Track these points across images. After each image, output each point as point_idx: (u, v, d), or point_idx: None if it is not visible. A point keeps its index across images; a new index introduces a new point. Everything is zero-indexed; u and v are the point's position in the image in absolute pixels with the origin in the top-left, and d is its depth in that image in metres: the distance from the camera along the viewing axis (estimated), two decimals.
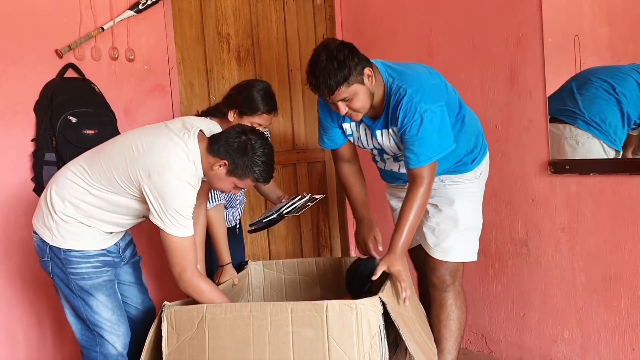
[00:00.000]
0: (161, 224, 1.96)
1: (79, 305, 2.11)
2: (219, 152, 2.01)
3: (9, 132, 2.58)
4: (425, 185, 2.14)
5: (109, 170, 2.00)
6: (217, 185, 2.10)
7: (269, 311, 1.90)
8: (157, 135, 2.03)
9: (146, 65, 2.97)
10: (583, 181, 2.61)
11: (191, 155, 1.98)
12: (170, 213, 1.93)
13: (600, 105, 2.58)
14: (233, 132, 2.04)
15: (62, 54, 2.69)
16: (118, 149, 2.04)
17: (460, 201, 2.39)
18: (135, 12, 2.87)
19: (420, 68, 2.27)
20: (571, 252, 2.69)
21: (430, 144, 2.11)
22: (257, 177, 2.04)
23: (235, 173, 2.03)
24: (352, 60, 2.04)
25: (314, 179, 3.74)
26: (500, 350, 3.04)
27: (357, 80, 2.07)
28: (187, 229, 1.99)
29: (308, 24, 3.72)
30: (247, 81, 2.55)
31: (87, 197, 2.03)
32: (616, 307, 2.55)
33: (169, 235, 1.97)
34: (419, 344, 2.09)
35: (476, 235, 2.49)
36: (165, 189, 1.93)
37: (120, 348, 2.16)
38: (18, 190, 2.60)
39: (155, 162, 1.94)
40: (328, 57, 2.04)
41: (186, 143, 1.99)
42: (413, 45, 3.30)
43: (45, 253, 2.10)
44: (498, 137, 2.90)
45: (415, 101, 2.08)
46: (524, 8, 2.74)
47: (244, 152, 2.00)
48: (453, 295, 2.46)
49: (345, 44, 2.10)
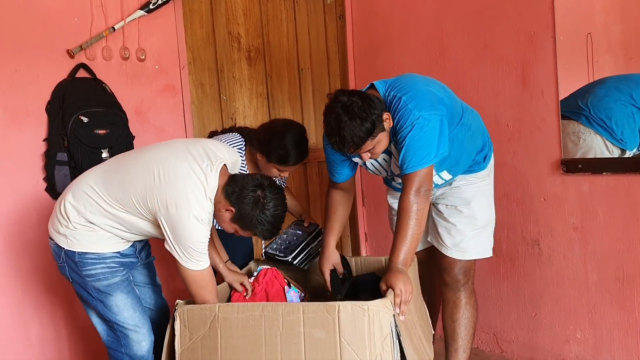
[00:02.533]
0: (177, 257, 1.99)
1: (99, 308, 2.12)
2: (230, 198, 2.00)
3: (21, 131, 2.59)
4: (414, 190, 2.06)
5: (126, 190, 1.99)
6: (220, 224, 2.11)
7: (280, 311, 1.90)
8: (178, 163, 1.99)
9: (157, 65, 2.98)
10: (596, 180, 2.59)
11: (209, 192, 1.97)
12: (185, 249, 1.96)
13: (608, 104, 2.56)
14: (251, 183, 2.01)
15: (73, 54, 2.70)
16: (138, 171, 2.01)
17: (476, 200, 2.39)
18: (145, 12, 2.88)
19: (418, 77, 2.25)
20: (583, 251, 2.67)
21: (419, 151, 2.06)
22: (258, 233, 2.05)
23: (239, 223, 2.04)
24: (373, 114, 2.03)
25: (324, 178, 3.74)
26: (512, 350, 3.03)
27: (379, 129, 2.07)
28: (203, 262, 2.01)
29: (318, 23, 3.71)
30: (283, 125, 2.49)
31: (102, 212, 2.03)
32: (629, 307, 2.54)
33: (186, 269, 2.00)
34: (417, 348, 2.07)
35: (491, 231, 2.50)
36: (180, 226, 1.93)
37: (146, 348, 2.16)
38: (30, 190, 2.62)
39: (173, 194, 1.93)
40: (350, 116, 2.01)
41: (207, 177, 1.97)
42: (424, 43, 3.29)
43: (60, 257, 2.10)
44: (510, 136, 2.89)
45: (410, 108, 2.07)
46: (535, 6, 2.72)
47: (254, 207, 1.99)
48: (466, 294, 2.47)
49: (361, 97, 2.06)
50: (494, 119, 2.91)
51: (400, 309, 1.96)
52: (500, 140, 2.87)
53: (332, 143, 2.09)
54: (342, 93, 2.08)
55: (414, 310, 2.17)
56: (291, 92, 3.58)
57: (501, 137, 2.88)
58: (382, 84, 2.19)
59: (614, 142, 2.53)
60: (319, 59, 3.72)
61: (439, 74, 3.16)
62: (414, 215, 2.06)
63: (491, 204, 2.49)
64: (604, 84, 2.60)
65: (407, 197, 2.07)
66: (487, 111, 2.87)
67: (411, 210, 2.06)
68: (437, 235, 2.46)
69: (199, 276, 2.02)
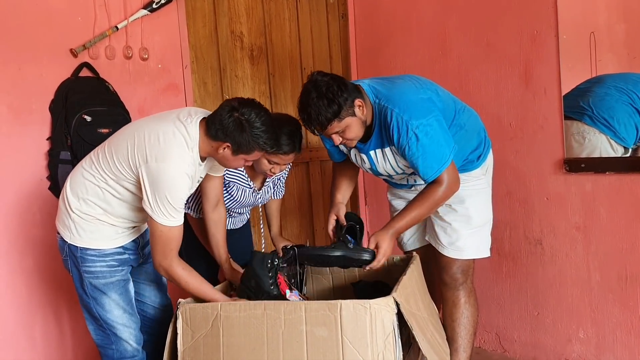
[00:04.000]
0: (150, 211, 1.95)
1: (92, 305, 2.13)
2: (218, 136, 1.98)
3: (25, 130, 2.60)
4: (445, 185, 2.15)
5: (112, 157, 2.01)
6: (229, 165, 2.09)
7: (282, 310, 1.90)
8: (162, 123, 2.02)
9: (160, 64, 2.98)
10: (599, 180, 2.58)
11: (190, 142, 1.97)
12: (161, 202, 1.93)
13: (610, 103, 2.57)
14: (225, 112, 1.98)
15: (76, 53, 2.70)
16: (124, 137, 2.05)
17: (470, 199, 2.39)
18: (149, 11, 2.88)
19: (407, 83, 2.26)
20: (586, 251, 2.67)
21: (435, 155, 2.11)
22: (263, 147, 2.01)
23: (240, 151, 2.00)
24: (341, 96, 2.06)
25: (326, 177, 3.74)
26: (514, 349, 3.03)
27: (348, 113, 2.09)
28: (176, 219, 1.98)
29: (321, 22, 3.71)
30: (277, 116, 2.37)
31: (97, 190, 2.05)
32: (632, 307, 2.53)
33: (156, 223, 1.97)
34: (432, 343, 2.08)
35: (488, 231, 2.49)
36: (160, 177, 1.92)
37: (135, 344, 2.18)
38: (34, 189, 2.62)
39: (155, 148, 1.94)
40: (318, 94, 2.05)
41: (187, 127, 1.98)
42: (427, 43, 3.29)
43: (64, 251, 2.13)
44: (512, 135, 2.89)
45: (405, 119, 2.09)
46: (538, 5, 2.72)
47: (241, 129, 1.96)
48: (465, 293, 2.47)
49: (333, 78, 2.11)
50: (497, 118, 2.90)
51: (373, 265, 2.16)
52: (503, 139, 2.86)
53: (300, 119, 2.14)
54: (318, 73, 2.14)
55: (423, 307, 2.18)
56: (294, 91, 3.58)
57: (504, 136, 2.88)
58: (369, 87, 2.21)
59: (618, 141, 2.53)
60: (322, 58, 3.72)
61: (441, 73, 3.16)
62: (430, 200, 2.17)
63: (488, 204, 2.48)
64: (602, 83, 2.60)
65: (434, 186, 2.16)
66: (490, 110, 2.87)
67: (430, 196, 2.16)
68: (434, 234, 2.47)
69: (167, 231, 1.98)
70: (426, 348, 1.97)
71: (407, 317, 1.89)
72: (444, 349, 2.28)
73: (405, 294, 2.00)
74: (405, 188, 2.50)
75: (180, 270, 2.05)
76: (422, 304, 2.18)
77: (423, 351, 1.96)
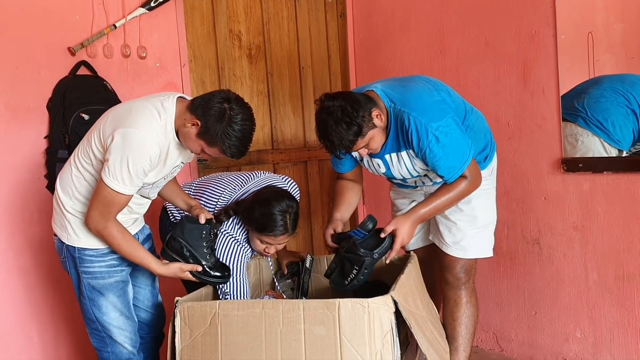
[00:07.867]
0: (106, 172, 1.88)
1: (88, 307, 2.11)
2: (196, 111, 1.92)
3: (22, 129, 2.59)
4: (470, 179, 2.18)
5: (89, 141, 1.99)
6: (187, 144, 2.00)
7: (281, 308, 1.90)
8: (136, 101, 2.02)
9: (158, 62, 2.98)
10: (596, 179, 2.59)
11: (163, 114, 1.93)
12: (121, 165, 1.86)
13: (605, 105, 2.57)
14: (218, 96, 1.93)
15: (74, 51, 2.70)
16: (98, 121, 2.03)
17: (477, 199, 2.39)
18: (147, 10, 2.88)
19: (420, 86, 2.25)
20: (583, 250, 2.68)
21: (456, 154, 2.13)
22: (225, 149, 1.93)
23: (204, 137, 1.92)
24: (357, 116, 2.04)
25: (325, 176, 3.75)
26: (512, 348, 3.03)
27: (368, 127, 2.09)
28: (127, 188, 1.91)
29: (319, 21, 3.71)
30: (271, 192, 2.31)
31: (84, 182, 2.02)
32: (629, 306, 2.54)
33: (105, 185, 1.89)
34: (431, 341, 2.09)
35: (492, 231, 2.50)
36: (127, 141, 1.86)
37: (130, 347, 2.17)
38: (32, 187, 2.62)
39: (125, 118, 1.92)
40: (335, 121, 2.03)
41: (162, 102, 1.95)
42: (425, 42, 3.29)
43: (62, 252, 2.11)
44: (510, 134, 2.89)
45: (424, 122, 2.09)
46: (537, 4, 2.72)
47: (220, 119, 1.89)
48: (468, 293, 2.48)
49: (344, 98, 2.07)
50: (495, 117, 2.91)
51: (391, 255, 2.16)
52: (501, 138, 2.87)
53: (325, 147, 2.13)
54: (326, 98, 2.10)
55: (421, 306, 2.18)
56: (292, 90, 3.58)
57: (502, 136, 2.88)
58: (382, 91, 2.19)
59: (611, 143, 2.54)
60: (320, 57, 3.72)
61: (439, 72, 3.16)
62: (455, 191, 2.18)
63: (492, 204, 2.49)
64: (599, 85, 2.60)
65: (459, 179, 2.17)
66: (488, 109, 2.87)
67: (456, 187, 2.18)
68: (438, 233, 2.47)
69: (114, 196, 1.91)
70: (425, 346, 1.98)
71: (405, 316, 1.89)
72: (444, 347, 2.28)
73: (403, 292, 2.00)
74: (410, 188, 2.50)
75: (115, 232, 1.99)
76: (421, 303, 2.18)
77: (422, 349, 1.96)
